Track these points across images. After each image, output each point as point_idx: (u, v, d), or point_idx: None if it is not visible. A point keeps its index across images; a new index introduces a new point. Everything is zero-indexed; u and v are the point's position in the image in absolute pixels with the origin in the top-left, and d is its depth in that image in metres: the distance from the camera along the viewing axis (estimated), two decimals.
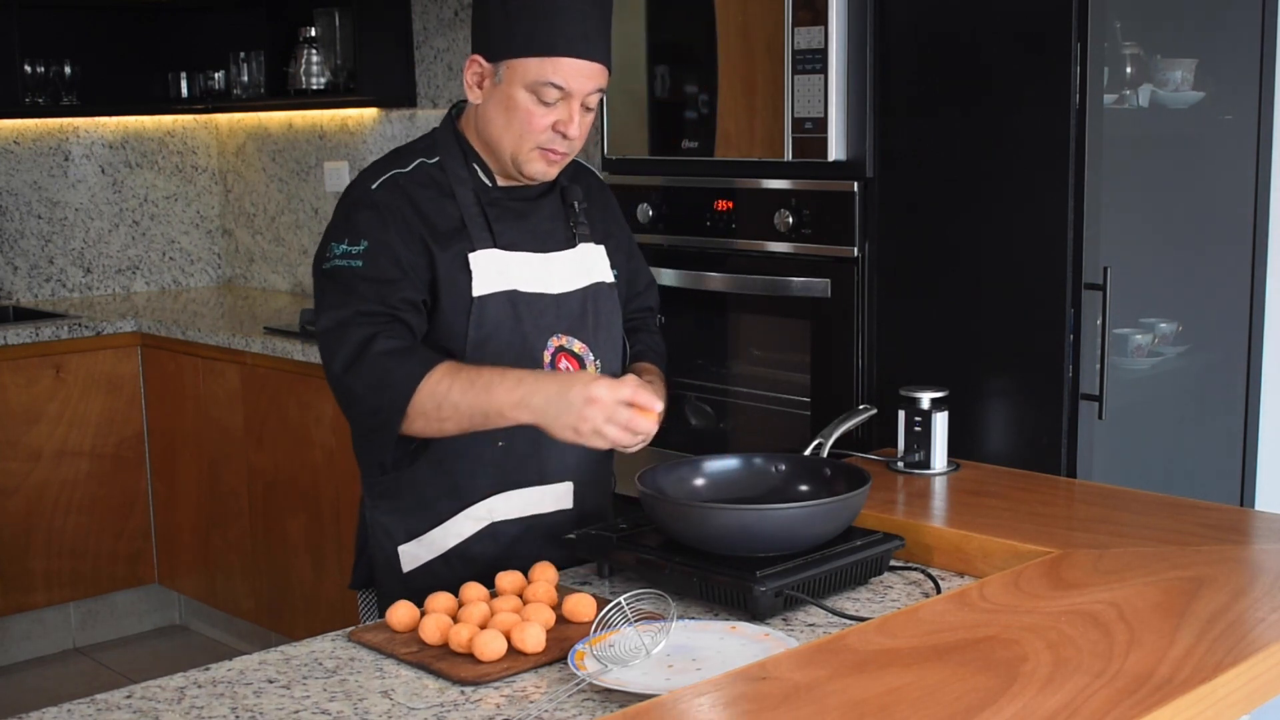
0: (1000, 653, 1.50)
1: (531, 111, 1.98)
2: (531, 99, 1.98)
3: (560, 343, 2.08)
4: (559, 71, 1.96)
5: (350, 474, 3.89)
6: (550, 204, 2.13)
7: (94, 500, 4.57)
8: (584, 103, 2.01)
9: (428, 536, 2.09)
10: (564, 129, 1.99)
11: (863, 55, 2.64)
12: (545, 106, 1.98)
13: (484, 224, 2.04)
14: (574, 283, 2.11)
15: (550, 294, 2.08)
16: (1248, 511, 2.44)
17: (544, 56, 1.96)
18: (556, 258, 2.10)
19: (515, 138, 2.01)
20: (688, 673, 1.55)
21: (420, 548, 2.10)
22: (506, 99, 1.99)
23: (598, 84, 2.01)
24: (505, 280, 2.03)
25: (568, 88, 1.98)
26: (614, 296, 2.18)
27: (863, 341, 2.69)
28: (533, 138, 2.00)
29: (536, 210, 2.11)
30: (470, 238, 2.03)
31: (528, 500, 2.10)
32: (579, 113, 2.01)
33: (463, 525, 2.08)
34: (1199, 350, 2.89)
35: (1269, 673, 1.52)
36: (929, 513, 2.14)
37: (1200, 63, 2.74)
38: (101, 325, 4.54)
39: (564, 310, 2.09)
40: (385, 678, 1.61)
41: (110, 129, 5.19)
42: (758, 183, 2.85)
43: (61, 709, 1.52)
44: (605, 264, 2.17)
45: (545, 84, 1.97)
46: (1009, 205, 2.46)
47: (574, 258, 2.12)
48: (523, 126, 1.99)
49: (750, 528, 1.81)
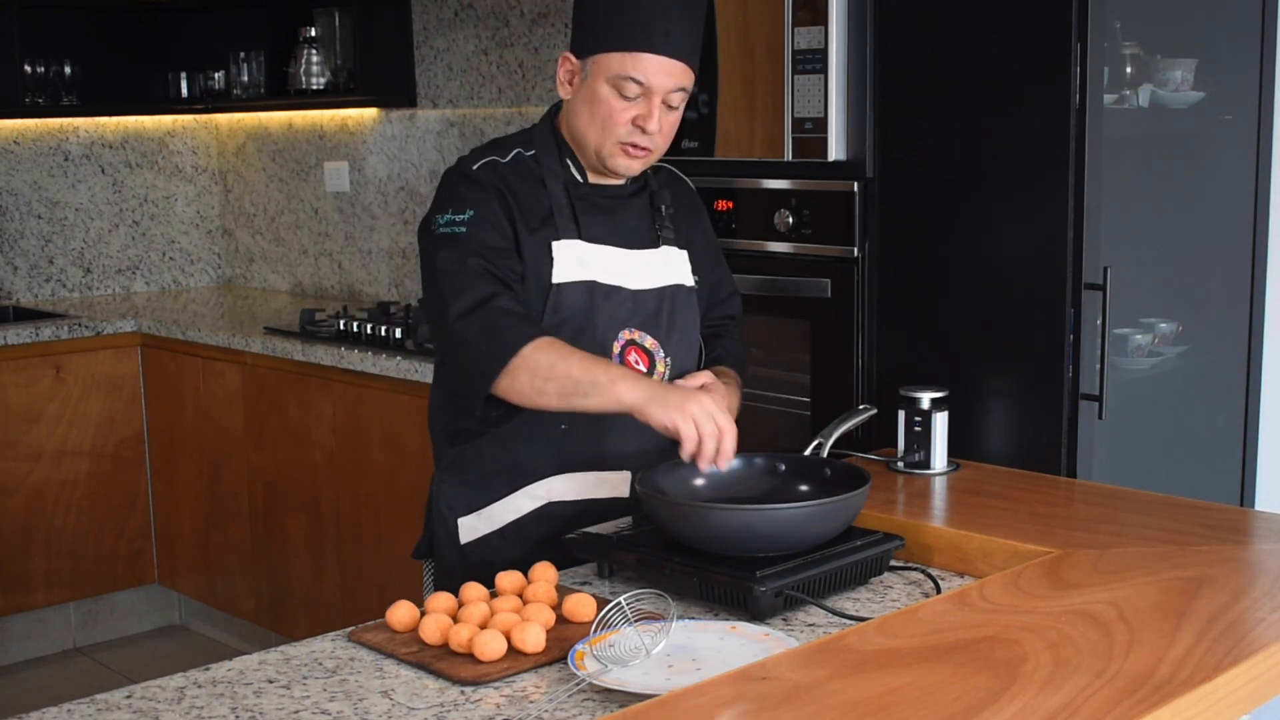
0: (1000, 653, 1.50)
1: (613, 105, 2.04)
2: (613, 93, 2.04)
3: (631, 336, 2.14)
4: (638, 66, 2.02)
5: (350, 473, 3.90)
6: (639, 204, 2.19)
7: (94, 500, 4.57)
8: (666, 101, 2.05)
9: (487, 510, 2.17)
10: (643, 124, 2.04)
11: (863, 55, 2.64)
12: (626, 101, 2.04)
13: (570, 215, 2.11)
14: (653, 281, 2.17)
15: (628, 289, 2.14)
16: (1248, 511, 2.44)
17: (624, 51, 2.02)
18: (638, 255, 2.16)
19: (599, 131, 2.07)
20: (688, 673, 1.55)
21: (479, 521, 2.18)
22: (591, 93, 2.06)
23: (679, 83, 2.06)
24: (585, 270, 2.10)
25: (647, 83, 2.03)
26: (693, 300, 2.23)
27: (863, 341, 2.69)
28: (614, 131, 2.06)
29: (624, 208, 2.17)
30: (556, 226, 2.09)
31: (585, 484, 2.16)
32: (659, 110, 2.05)
33: (521, 502, 2.16)
34: (1199, 350, 2.89)
35: (1269, 673, 1.52)
36: (929, 513, 2.14)
37: (1200, 63, 2.74)
38: (101, 325, 4.54)
39: (640, 306, 2.14)
40: (385, 678, 1.61)
41: (110, 129, 5.19)
42: (758, 183, 2.85)
43: (61, 709, 1.52)
44: (686, 268, 2.23)
45: (625, 78, 2.02)
46: (1009, 205, 2.46)
47: (655, 257, 2.18)
48: (605, 120, 2.05)
49: (750, 528, 1.81)
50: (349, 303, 4.85)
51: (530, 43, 4.15)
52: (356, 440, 3.86)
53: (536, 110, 4.15)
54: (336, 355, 3.85)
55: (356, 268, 4.93)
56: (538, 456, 2.14)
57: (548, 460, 2.15)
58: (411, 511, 3.71)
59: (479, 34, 4.31)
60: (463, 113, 4.41)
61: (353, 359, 3.79)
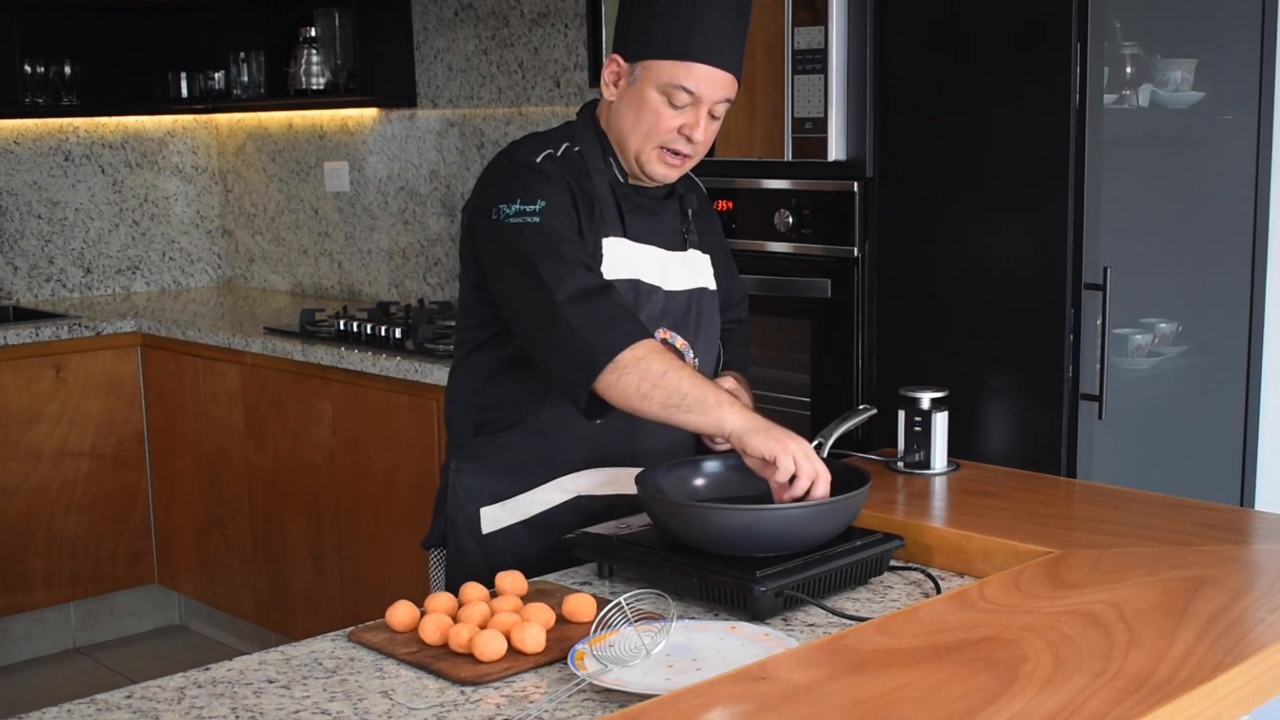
0: (1000, 653, 1.50)
1: (660, 112, 2.05)
2: (662, 100, 2.05)
3: (664, 336, 2.15)
4: (691, 76, 2.02)
5: (350, 473, 3.90)
6: (671, 207, 2.22)
7: (94, 500, 4.57)
8: (711, 110, 2.07)
9: (513, 501, 2.17)
10: (689, 132, 2.06)
11: (863, 55, 2.64)
12: (674, 109, 2.05)
13: (617, 213, 2.12)
14: (684, 283, 2.19)
15: (663, 289, 2.16)
16: (1248, 511, 2.44)
17: (678, 60, 2.02)
18: (673, 257, 2.18)
19: (642, 135, 2.08)
20: (688, 673, 1.55)
21: (504, 511, 2.17)
22: (639, 98, 2.06)
23: (727, 94, 2.07)
24: (630, 269, 2.11)
25: (698, 93, 2.04)
26: (715, 303, 2.26)
27: (863, 341, 2.69)
28: (658, 137, 2.07)
29: (661, 210, 2.20)
30: (605, 223, 2.10)
31: (616, 479, 2.16)
32: (705, 119, 2.06)
33: (551, 494, 2.16)
34: (1199, 350, 2.89)
35: (1269, 673, 1.52)
36: (929, 513, 2.14)
37: (1200, 63, 2.74)
38: (101, 325, 4.54)
39: (672, 307, 2.17)
40: (385, 678, 1.61)
41: (110, 129, 5.19)
42: (758, 183, 2.85)
43: (61, 709, 1.52)
44: (710, 272, 2.26)
45: (677, 87, 2.03)
46: (1009, 205, 2.46)
47: (685, 260, 2.21)
48: (650, 125, 2.06)
49: (750, 528, 1.82)
50: (349, 303, 4.85)
51: (530, 43, 4.15)
52: (356, 440, 3.86)
53: (536, 110, 4.15)
54: (336, 355, 3.85)
55: (356, 268, 4.93)
56: (571, 449, 2.15)
57: (580, 454, 2.15)
58: (411, 511, 3.71)
59: (479, 34, 4.31)
60: (463, 113, 4.41)
61: (353, 359, 3.79)
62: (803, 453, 1.88)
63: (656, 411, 1.92)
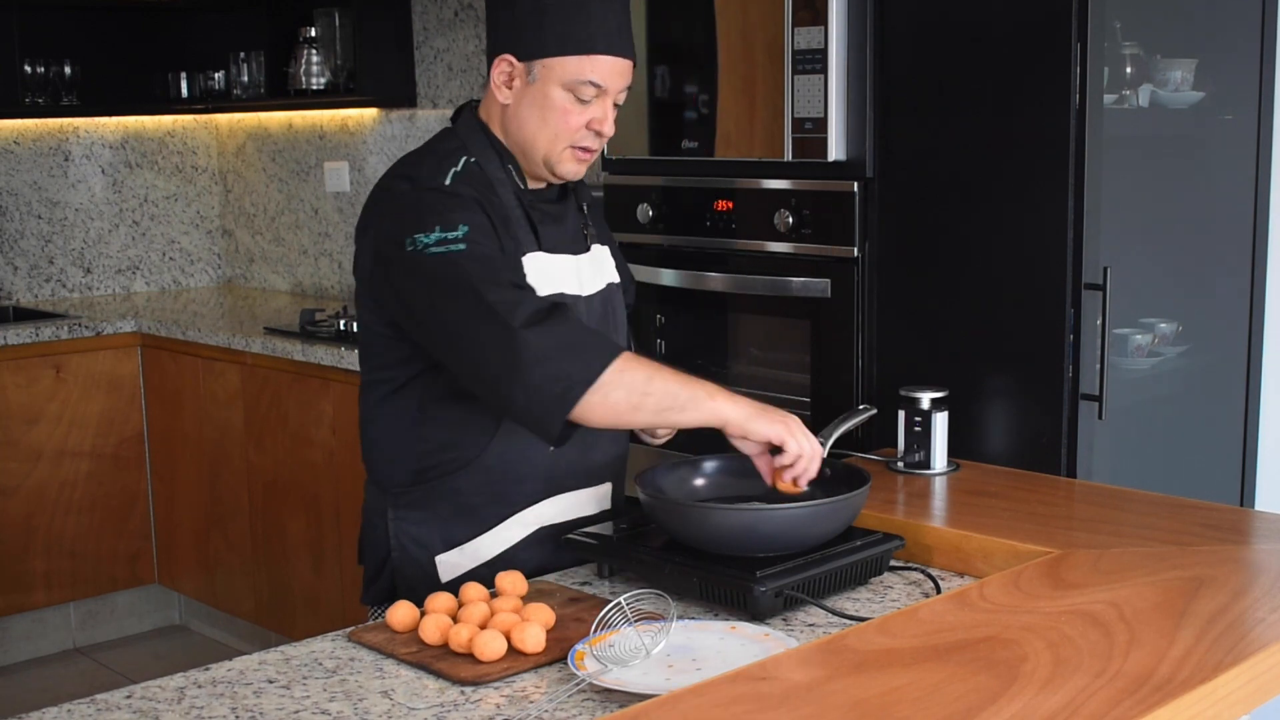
0: (1000, 653, 1.50)
1: (568, 110, 1.97)
2: (568, 98, 1.96)
3: None
4: (597, 69, 1.95)
5: (350, 473, 3.90)
6: (570, 208, 2.12)
7: (94, 500, 4.57)
8: (615, 100, 2.01)
9: (470, 545, 2.04)
10: (599, 126, 1.99)
11: (863, 55, 2.64)
12: (582, 105, 1.97)
13: (528, 226, 2.01)
14: (595, 285, 2.10)
15: (582, 296, 2.07)
16: (1248, 511, 2.44)
17: (582, 55, 1.94)
18: (581, 260, 2.09)
19: (550, 137, 1.98)
20: (688, 673, 1.55)
21: (462, 556, 2.05)
22: (542, 98, 1.97)
23: (628, 81, 2.02)
24: (552, 284, 2.01)
25: (604, 85, 1.96)
26: (620, 296, 2.18)
27: (863, 341, 2.69)
28: (568, 136, 1.98)
29: (564, 214, 2.10)
30: (519, 240, 1.99)
31: (574, 503, 2.09)
32: (611, 111, 2.00)
33: (511, 531, 2.05)
34: (1199, 350, 2.89)
35: (1269, 673, 1.52)
36: (929, 513, 2.14)
37: (1200, 63, 2.74)
38: (101, 325, 4.54)
39: (591, 313, 2.07)
40: (385, 678, 1.61)
41: (110, 129, 5.19)
42: (758, 183, 2.84)
43: (61, 709, 1.52)
44: (612, 264, 2.18)
45: (584, 82, 1.95)
46: (1009, 205, 2.46)
47: (592, 259, 2.12)
48: (558, 125, 1.97)
49: (750, 528, 1.82)
50: (349, 303, 4.85)
51: None
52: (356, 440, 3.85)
53: None
54: (336, 355, 3.85)
55: None
56: (526, 483, 2.04)
57: (536, 485, 2.04)
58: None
59: (479, 34, 4.31)
60: None
61: (353, 359, 3.79)
62: (802, 432, 1.88)
63: (649, 419, 1.88)
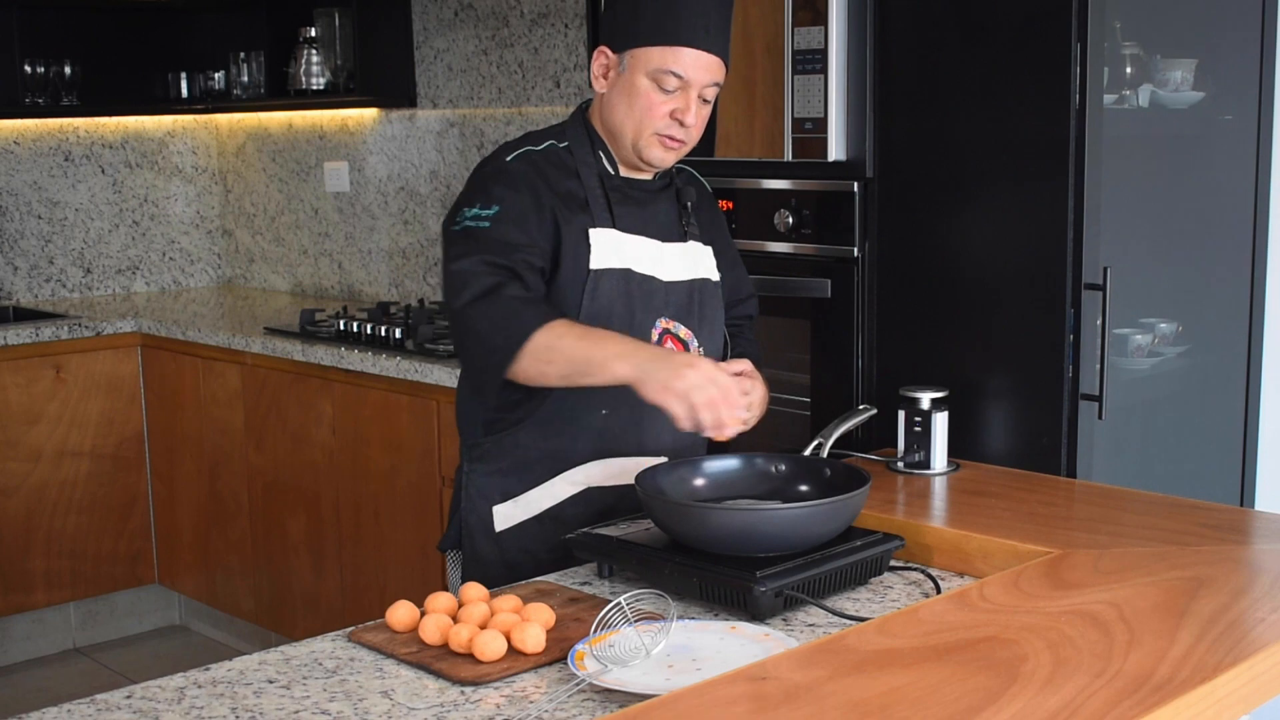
0: (1000, 653, 1.50)
1: (652, 98, 2.10)
2: (652, 86, 2.09)
3: (667, 325, 2.19)
4: (679, 61, 2.07)
5: (350, 474, 3.90)
6: (666, 199, 2.25)
7: (94, 500, 4.57)
8: (701, 94, 2.11)
9: (524, 497, 2.19)
10: (681, 117, 2.10)
11: (863, 55, 2.64)
12: (665, 94, 2.09)
13: (605, 204, 2.15)
14: (683, 273, 2.22)
15: (661, 279, 2.18)
16: (1248, 511, 2.44)
17: (666, 46, 2.07)
18: (669, 248, 2.21)
19: (636, 123, 2.12)
20: (688, 673, 1.55)
21: (515, 508, 2.20)
22: (629, 86, 2.11)
23: (715, 78, 2.12)
24: (621, 258, 2.14)
25: (687, 77, 2.08)
26: (718, 295, 2.29)
27: (863, 341, 2.69)
28: (652, 124, 2.11)
29: (654, 201, 2.23)
30: (592, 215, 2.14)
31: (624, 469, 2.17)
32: (696, 103, 2.11)
33: (560, 488, 2.18)
34: (1199, 350, 2.89)
35: (1269, 673, 1.52)
36: (929, 513, 2.14)
37: (1200, 63, 2.74)
38: (101, 325, 4.54)
39: (672, 297, 2.19)
40: (385, 678, 1.61)
41: (110, 129, 5.19)
42: (758, 183, 2.85)
43: (61, 709, 1.52)
44: (712, 263, 2.29)
45: (666, 72, 2.08)
46: (1009, 205, 2.46)
47: (684, 251, 2.23)
48: (643, 112, 2.10)
49: (750, 528, 1.82)
50: (349, 303, 4.85)
51: (530, 43, 4.15)
52: (356, 440, 3.86)
53: (536, 110, 4.15)
54: (336, 355, 3.85)
55: (356, 268, 4.93)
56: (578, 441, 2.17)
57: (588, 446, 2.17)
58: (411, 511, 3.71)
59: (479, 34, 4.31)
60: (463, 113, 4.41)
61: (353, 359, 3.79)
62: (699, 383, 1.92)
63: (559, 384, 2.04)
